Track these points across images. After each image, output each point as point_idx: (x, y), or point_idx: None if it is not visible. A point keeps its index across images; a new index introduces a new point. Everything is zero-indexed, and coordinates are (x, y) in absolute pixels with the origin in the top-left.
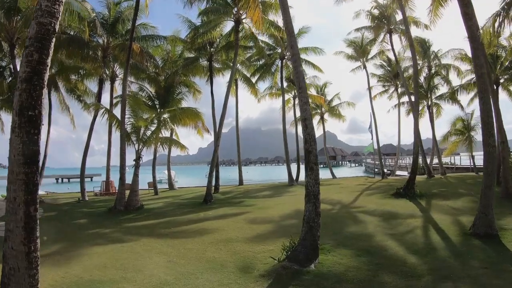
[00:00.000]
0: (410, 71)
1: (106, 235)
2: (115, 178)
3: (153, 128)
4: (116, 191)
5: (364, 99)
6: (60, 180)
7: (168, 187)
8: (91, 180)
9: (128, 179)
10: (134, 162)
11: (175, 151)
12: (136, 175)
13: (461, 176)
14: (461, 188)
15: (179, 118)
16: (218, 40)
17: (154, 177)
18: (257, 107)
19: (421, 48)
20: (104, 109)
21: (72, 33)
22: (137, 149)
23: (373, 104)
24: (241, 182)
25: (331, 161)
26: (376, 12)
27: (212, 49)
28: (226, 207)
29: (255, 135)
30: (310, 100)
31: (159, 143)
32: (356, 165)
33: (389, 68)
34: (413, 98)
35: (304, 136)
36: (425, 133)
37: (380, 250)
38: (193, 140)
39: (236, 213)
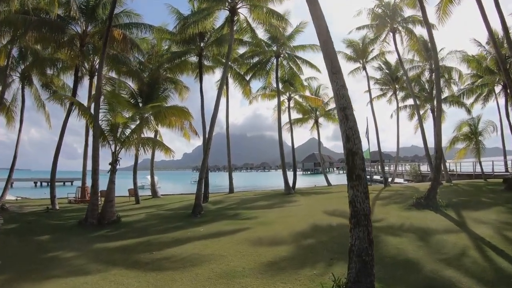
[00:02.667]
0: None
1: (67, 261)
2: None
3: (134, 127)
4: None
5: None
6: (39, 184)
7: (151, 194)
8: (72, 184)
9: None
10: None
11: (159, 156)
12: (112, 181)
13: (471, 183)
14: (482, 197)
15: (164, 115)
16: (209, 33)
17: (135, 183)
18: (241, 112)
19: (424, 49)
20: (74, 102)
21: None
22: (113, 151)
23: (373, 108)
24: (231, 190)
25: (319, 168)
26: (379, 10)
27: (202, 44)
28: (220, 221)
29: (240, 141)
30: (304, 103)
31: (140, 145)
32: (344, 172)
33: (387, 71)
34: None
35: (345, 132)
36: (428, 138)
37: (447, 285)
38: (177, 145)
39: (234, 230)
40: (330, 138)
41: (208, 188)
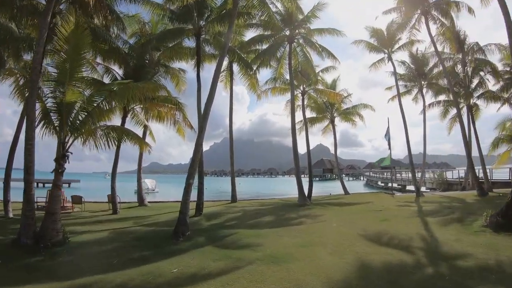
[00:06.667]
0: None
1: None
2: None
3: (92, 109)
4: (69, 204)
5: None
6: (36, 185)
7: (137, 201)
8: (69, 186)
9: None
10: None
11: (167, 159)
12: (56, 186)
13: None
14: None
15: (133, 92)
16: (209, 8)
17: (113, 187)
18: (248, 118)
19: (455, 39)
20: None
21: None
22: (61, 141)
23: (401, 103)
24: (234, 198)
25: (328, 174)
26: None
27: (201, 22)
28: (207, 248)
29: (247, 147)
30: (319, 99)
31: (101, 134)
32: (354, 178)
33: (412, 66)
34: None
35: None
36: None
37: None
38: (184, 149)
39: (226, 270)
40: (337, 144)
41: (202, 196)
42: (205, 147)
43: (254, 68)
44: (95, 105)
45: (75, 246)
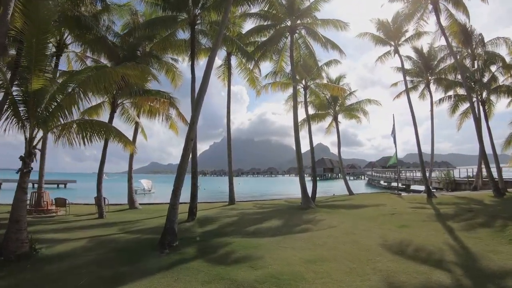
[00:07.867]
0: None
1: None
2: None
3: (63, 97)
4: (53, 207)
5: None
6: (31, 186)
7: (128, 204)
8: (65, 187)
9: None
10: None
11: (168, 159)
12: (22, 189)
13: None
14: None
15: (112, 78)
16: None
17: (99, 190)
18: (247, 117)
19: (462, 34)
20: None
21: None
22: (27, 137)
23: (409, 98)
24: (232, 199)
25: (328, 173)
26: None
27: (196, 10)
28: (195, 264)
29: (247, 146)
30: (322, 95)
31: (77, 129)
32: (355, 178)
33: (419, 60)
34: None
35: None
36: (470, 136)
37: None
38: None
39: None
40: (336, 144)
41: (196, 199)
42: (205, 146)
43: (256, 60)
44: (69, 91)
45: (43, 259)
